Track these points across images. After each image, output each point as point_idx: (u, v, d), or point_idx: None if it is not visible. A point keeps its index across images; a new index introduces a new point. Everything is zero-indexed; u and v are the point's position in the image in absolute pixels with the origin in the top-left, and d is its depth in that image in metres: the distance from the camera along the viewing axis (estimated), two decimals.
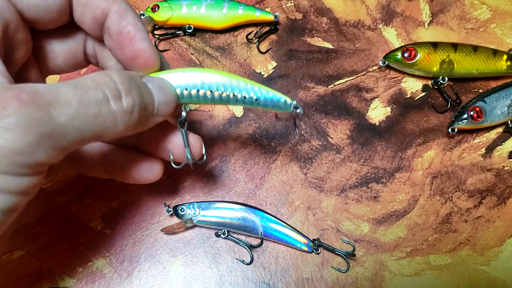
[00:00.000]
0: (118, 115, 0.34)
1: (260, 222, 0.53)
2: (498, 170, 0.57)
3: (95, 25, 0.40)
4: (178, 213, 0.53)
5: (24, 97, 0.29)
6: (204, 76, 0.42)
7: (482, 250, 0.54)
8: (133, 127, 0.36)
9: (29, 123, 0.29)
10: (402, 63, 0.60)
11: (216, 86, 0.42)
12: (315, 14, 0.66)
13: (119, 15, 0.39)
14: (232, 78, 0.42)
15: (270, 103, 0.43)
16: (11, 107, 0.28)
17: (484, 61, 0.59)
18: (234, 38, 0.64)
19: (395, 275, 0.52)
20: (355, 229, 0.55)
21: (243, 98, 0.42)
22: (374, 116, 0.60)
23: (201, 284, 0.52)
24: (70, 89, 0.32)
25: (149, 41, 0.40)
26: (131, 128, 0.36)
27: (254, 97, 0.43)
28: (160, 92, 0.39)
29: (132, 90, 0.36)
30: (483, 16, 0.65)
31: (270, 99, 0.43)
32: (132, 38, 0.39)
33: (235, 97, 0.42)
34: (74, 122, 0.31)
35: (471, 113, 0.57)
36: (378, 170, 0.57)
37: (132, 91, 0.36)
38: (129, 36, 0.39)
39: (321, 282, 0.52)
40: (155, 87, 0.39)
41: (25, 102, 0.29)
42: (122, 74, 0.36)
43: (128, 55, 0.40)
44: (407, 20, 0.65)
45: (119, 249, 0.53)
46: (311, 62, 0.63)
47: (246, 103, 0.43)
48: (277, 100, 0.43)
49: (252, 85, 0.43)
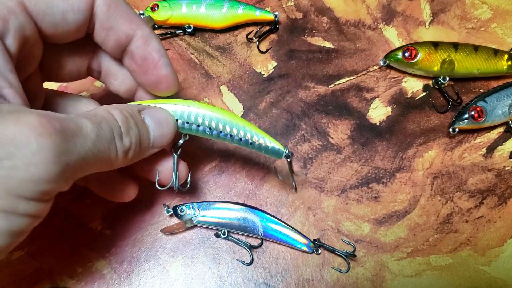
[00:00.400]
0: (119, 152, 0.37)
1: (260, 222, 0.52)
2: (499, 170, 0.57)
3: (117, 48, 0.41)
4: (177, 213, 0.52)
5: (56, 126, 0.30)
6: (207, 114, 0.44)
7: (483, 251, 0.53)
8: (129, 161, 0.39)
9: (59, 152, 0.30)
10: (403, 63, 0.60)
11: (216, 124, 0.44)
12: (315, 13, 0.65)
13: (144, 41, 0.40)
14: (233, 119, 0.45)
15: (264, 148, 0.46)
16: (45, 134, 0.29)
17: (485, 61, 0.59)
18: (234, 38, 0.64)
19: (395, 276, 0.52)
20: (356, 229, 0.54)
21: (239, 140, 0.45)
22: (374, 116, 0.60)
23: (201, 284, 0.52)
24: (89, 123, 0.34)
25: (171, 67, 0.43)
26: (127, 162, 0.39)
27: (249, 140, 0.45)
28: (157, 127, 0.41)
29: (129, 131, 0.38)
30: (484, 16, 0.65)
31: (265, 145, 0.46)
32: (156, 64, 0.41)
33: (231, 137, 0.45)
34: (90, 155, 0.33)
35: (472, 113, 0.56)
36: (378, 170, 0.57)
37: (130, 131, 0.38)
38: (153, 62, 0.41)
39: (321, 282, 0.52)
40: (153, 121, 0.41)
41: (57, 131, 0.30)
42: (122, 113, 0.38)
43: (151, 79, 0.42)
44: (408, 20, 0.65)
45: (119, 250, 0.53)
46: (311, 61, 0.63)
47: (241, 144, 0.46)
48: (271, 147, 0.46)
49: (250, 128, 0.45)
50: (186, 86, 0.61)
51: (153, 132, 0.41)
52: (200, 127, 0.44)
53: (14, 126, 0.29)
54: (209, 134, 0.45)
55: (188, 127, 0.44)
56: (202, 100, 0.61)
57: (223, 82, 0.62)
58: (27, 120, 0.29)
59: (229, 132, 0.45)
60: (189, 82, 0.61)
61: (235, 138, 0.45)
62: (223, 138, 0.45)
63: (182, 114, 0.43)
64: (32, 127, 0.29)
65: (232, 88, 0.61)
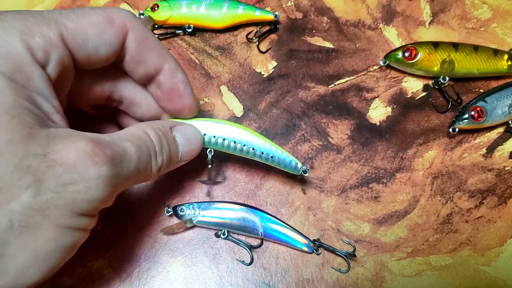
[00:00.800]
0: (154, 169, 0.42)
1: (260, 222, 0.52)
2: (499, 170, 0.57)
3: (145, 78, 0.45)
4: (177, 213, 0.52)
5: (108, 154, 0.35)
6: (232, 130, 0.49)
7: (483, 251, 0.53)
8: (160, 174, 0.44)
9: (112, 177, 0.35)
10: (403, 63, 0.60)
11: (240, 140, 0.49)
12: (315, 13, 0.65)
13: (171, 73, 0.44)
14: (255, 135, 0.49)
15: (282, 163, 0.50)
16: (100, 163, 0.34)
17: (485, 61, 0.59)
18: (234, 38, 0.64)
19: (395, 276, 0.52)
20: (356, 229, 0.54)
21: (261, 154, 0.49)
22: (374, 116, 0.60)
23: (201, 284, 0.52)
24: (132, 147, 0.38)
25: (194, 95, 0.47)
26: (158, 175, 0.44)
27: (270, 154, 0.49)
28: (186, 143, 0.46)
29: (162, 149, 0.42)
30: (483, 16, 0.65)
31: (283, 159, 0.50)
32: (182, 94, 0.46)
33: (253, 151, 0.49)
34: (132, 175, 0.38)
35: (472, 113, 0.56)
36: (378, 170, 0.57)
37: (163, 150, 0.43)
38: (178, 92, 0.45)
39: (321, 282, 0.52)
40: (183, 138, 0.46)
41: (109, 159, 0.35)
42: (157, 133, 0.42)
43: (175, 107, 0.47)
44: (408, 20, 0.65)
45: (119, 250, 0.53)
46: (311, 61, 0.63)
47: (262, 158, 0.50)
48: (289, 161, 0.50)
49: (270, 144, 0.50)
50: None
51: (182, 148, 0.46)
52: (225, 142, 0.49)
53: (74, 153, 0.33)
54: (233, 149, 0.49)
55: (214, 142, 0.49)
56: (202, 100, 0.61)
57: (223, 82, 0.62)
58: (83, 148, 0.34)
59: (251, 146, 0.49)
60: None
61: (257, 153, 0.49)
62: (246, 153, 0.49)
63: (209, 130, 0.48)
64: (89, 155, 0.34)
65: (232, 88, 0.61)
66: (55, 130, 0.34)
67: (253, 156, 0.50)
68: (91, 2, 0.66)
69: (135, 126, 0.42)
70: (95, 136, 0.36)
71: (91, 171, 0.34)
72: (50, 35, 0.35)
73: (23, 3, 0.66)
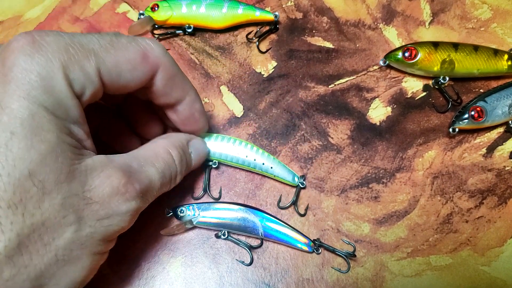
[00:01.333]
0: (171, 187, 0.47)
1: (260, 222, 0.52)
2: (499, 170, 0.57)
3: (165, 106, 0.47)
4: (177, 214, 0.52)
5: (137, 188, 0.39)
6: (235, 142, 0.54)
7: (483, 251, 0.53)
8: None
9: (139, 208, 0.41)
10: (403, 63, 0.60)
11: (243, 152, 0.54)
12: (315, 13, 0.65)
13: (190, 104, 0.47)
14: (255, 147, 0.55)
15: (281, 174, 0.54)
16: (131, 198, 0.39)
17: (485, 61, 0.59)
18: (234, 38, 0.64)
19: (395, 276, 0.52)
20: (356, 229, 0.54)
21: (261, 164, 0.54)
22: (374, 116, 0.60)
23: (201, 284, 0.52)
24: (156, 174, 0.42)
25: (206, 118, 0.50)
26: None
27: (270, 165, 0.54)
28: (197, 158, 0.50)
29: (182, 169, 0.47)
30: (484, 16, 0.65)
31: (282, 170, 0.55)
32: (197, 121, 0.49)
33: (254, 162, 0.54)
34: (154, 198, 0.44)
35: (472, 113, 0.56)
36: (378, 170, 0.57)
37: (183, 170, 0.47)
38: (194, 119, 0.49)
39: (321, 282, 0.52)
40: (196, 153, 0.50)
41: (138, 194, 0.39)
42: (179, 153, 0.46)
43: (189, 130, 0.50)
44: (408, 20, 0.65)
45: (119, 250, 0.53)
46: (311, 61, 0.63)
47: (262, 169, 0.54)
48: (287, 172, 0.55)
49: (268, 155, 0.55)
50: None
51: (194, 162, 0.50)
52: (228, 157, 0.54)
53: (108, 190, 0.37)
54: (235, 161, 0.54)
55: (218, 154, 0.54)
56: (202, 100, 0.61)
57: (223, 82, 0.62)
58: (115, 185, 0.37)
59: (253, 157, 0.54)
60: None
61: (257, 164, 0.54)
62: (248, 164, 0.54)
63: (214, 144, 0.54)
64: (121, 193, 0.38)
65: (232, 88, 0.61)
66: (91, 161, 0.37)
67: (254, 167, 0.54)
68: (91, 2, 0.66)
69: (160, 144, 0.45)
70: (125, 167, 0.39)
71: (123, 207, 0.38)
72: (89, 71, 0.37)
73: (23, 2, 0.66)
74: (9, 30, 0.64)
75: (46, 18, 0.65)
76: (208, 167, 0.56)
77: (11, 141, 0.32)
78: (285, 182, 0.55)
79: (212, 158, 0.54)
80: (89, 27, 0.65)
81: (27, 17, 0.65)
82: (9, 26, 0.65)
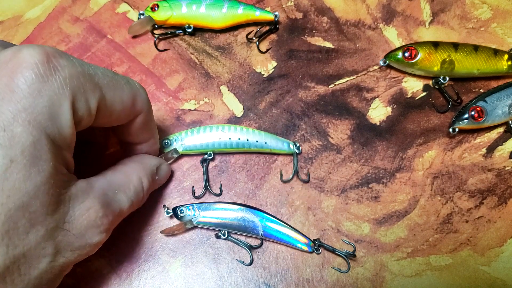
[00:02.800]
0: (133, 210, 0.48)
1: (260, 222, 0.52)
2: (499, 170, 0.57)
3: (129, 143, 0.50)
4: (177, 214, 0.52)
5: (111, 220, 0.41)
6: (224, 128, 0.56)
7: (483, 251, 0.53)
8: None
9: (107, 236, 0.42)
10: (403, 63, 0.60)
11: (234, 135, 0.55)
12: (315, 13, 0.65)
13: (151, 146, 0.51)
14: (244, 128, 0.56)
15: (277, 146, 0.56)
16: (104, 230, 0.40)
17: (485, 61, 0.59)
18: (234, 38, 0.64)
19: (395, 276, 0.52)
20: (356, 229, 0.54)
21: (255, 142, 0.55)
22: (374, 116, 0.60)
23: (201, 284, 0.52)
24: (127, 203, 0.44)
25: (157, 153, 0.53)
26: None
27: (264, 141, 0.56)
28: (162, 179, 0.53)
29: (146, 196, 0.49)
30: (484, 16, 0.65)
31: (276, 142, 0.56)
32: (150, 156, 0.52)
33: (248, 142, 0.55)
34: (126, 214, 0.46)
35: (472, 113, 0.56)
36: (378, 170, 0.57)
37: (147, 196, 0.49)
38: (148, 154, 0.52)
39: (321, 282, 0.52)
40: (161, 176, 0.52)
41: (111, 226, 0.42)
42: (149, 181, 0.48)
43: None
44: (408, 20, 0.65)
45: (119, 250, 0.53)
46: (311, 61, 0.63)
47: (257, 146, 0.56)
48: (281, 142, 0.56)
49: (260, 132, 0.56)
50: (186, 86, 0.61)
51: (159, 182, 0.53)
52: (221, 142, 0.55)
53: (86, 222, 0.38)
54: (230, 147, 0.55)
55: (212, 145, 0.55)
56: (202, 100, 0.61)
57: (223, 82, 0.62)
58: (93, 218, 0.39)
59: (246, 137, 0.55)
60: (189, 82, 0.61)
61: (251, 142, 0.55)
62: (242, 145, 0.55)
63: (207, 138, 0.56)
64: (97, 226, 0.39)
65: (232, 88, 0.61)
66: (75, 189, 0.38)
67: (248, 147, 0.55)
68: (91, 2, 0.66)
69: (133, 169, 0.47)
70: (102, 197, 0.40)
71: (95, 239, 0.40)
72: (91, 104, 0.38)
73: (23, 2, 0.66)
74: (9, 30, 0.64)
75: (46, 18, 0.65)
76: (205, 161, 0.56)
77: (10, 169, 0.31)
78: (282, 152, 0.56)
79: (206, 150, 0.55)
80: (89, 27, 0.65)
81: (27, 17, 0.65)
82: (9, 26, 0.65)
